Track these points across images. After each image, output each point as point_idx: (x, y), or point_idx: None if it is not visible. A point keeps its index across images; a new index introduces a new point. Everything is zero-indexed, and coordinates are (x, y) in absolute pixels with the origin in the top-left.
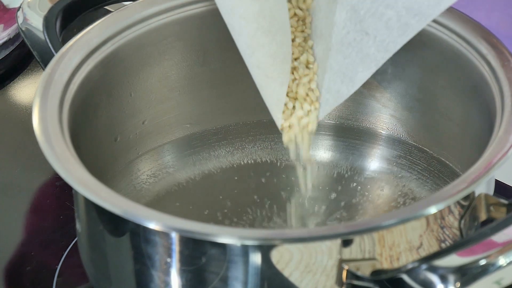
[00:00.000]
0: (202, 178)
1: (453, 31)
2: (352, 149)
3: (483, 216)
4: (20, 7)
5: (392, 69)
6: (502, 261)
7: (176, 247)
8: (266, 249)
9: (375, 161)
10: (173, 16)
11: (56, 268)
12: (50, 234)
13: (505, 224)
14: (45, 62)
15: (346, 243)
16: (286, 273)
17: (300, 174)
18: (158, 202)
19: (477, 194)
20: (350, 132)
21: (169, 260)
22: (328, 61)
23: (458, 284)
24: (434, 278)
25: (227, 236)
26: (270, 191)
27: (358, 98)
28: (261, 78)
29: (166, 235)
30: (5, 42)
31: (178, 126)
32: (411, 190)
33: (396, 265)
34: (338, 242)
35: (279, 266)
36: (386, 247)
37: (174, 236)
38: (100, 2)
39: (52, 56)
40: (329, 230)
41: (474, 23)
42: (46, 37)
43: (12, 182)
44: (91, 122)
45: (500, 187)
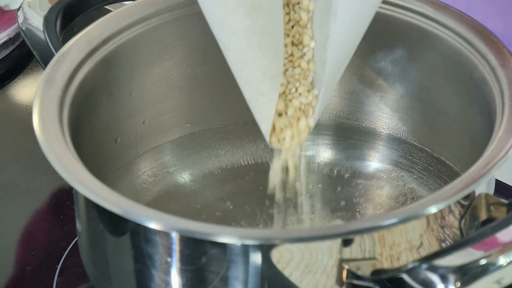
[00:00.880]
0: (202, 178)
1: (453, 31)
2: (352, 148)
3: (484, 215)
4: (20, 7)
5: (392, 68)
6: (502, 260)
7: (176, 247)
8: (266, 248)
9: (375, 160)
10: (173, 15)
11: (56, 267)
12: (50, 233)
13: (505, 223)
14: (45, 62)
15: (347, 243)
16: (286, 272)
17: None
18: (158, 202)
19: (477, 193)
20: (350, 131)
21: (169, 259)
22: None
23: (459, 283)
24: (435, 277)
25: (228, 235)
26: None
27: (359, 98)
28: (250, 94)
29: (166, 235)
30: (5, 42)
31: (178, 126)
32: (411, 190)
33: (396, 264)
34: (339, 241)
35: (280, 266)
36: (387, 247)
37: (175, 235)
38: (100, 1)
39: (52, 55)
40: (329, 229)
41: (474, 23)
42: (47, 36)
43: (12, 182)
44: (92, 121)
45: (500, 187)
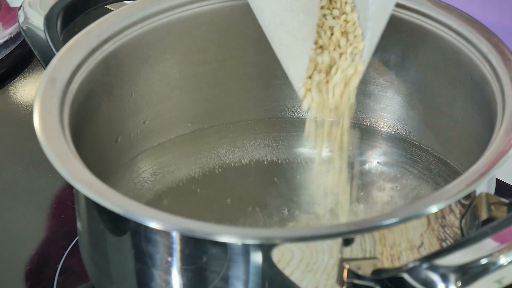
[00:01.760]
0: (203, 177)
1: (453, 30)
2: (353, 147)
3: (484, 215)
4: (21, 6)
5: (393, 68)
6: (503, 260)
7: (177, 246)
8: (267, 248)
9: (376, 159)
10: (173, 15)
11: (57, 267)
12: (51, 233)
13: (506, 223)
14: (46, 61)
15: (347, 242)
16: (287, 272)
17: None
18: (159, 201)
19: (478, 193)
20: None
21: (170, 259)
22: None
23: (459, 283)
24: (435, 277)
25: (228, 235)
26: (271, 190)
27: (359, 97)
28: (284, 55)
29: (167, 234)
30: (6, 41)
31: (179, 125)
32: (412, 189)
33: (397, 264)
34: (339, 241)
35: (280, 265)
36: (387, 246)
37: (175, 235)
38: (101, 1)
39: (53, 55)
40: (330, 229)
41: (474, 22)
42: (47, 36)
43: (12, 181)
44: (92, 121)
45: (501, 186)
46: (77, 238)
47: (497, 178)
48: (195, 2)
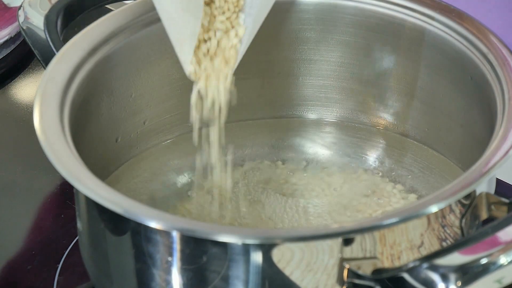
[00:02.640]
0: (203, 177)
1: (454, 30)
2: (353, 147)
3: (484, 215)
4: (21, 6)
5: (393, 67)
6: (503, 260)
7: (177, 246)
8: (267, 248)
9: (376, 159)
10: None
11: (57, 267)
12: (51, 233)
13: (506, 223)
14: (46, 61)
15: (347, 242)
16: (287, 272)
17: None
18: (159, 201)
19: (478, 193)
20: (351, 130)
21: (170, 259)
22: None
23: (459, 283)
24: (435, 277)
25: (228, 235)
26: (271, 190)
27: (359, 97)
28: (175, 12)
29: (167, 234)
30: (6, 41)
31: (179, 125)
32: (412, 188)
33: (397, 264)
34: (339, 241)
35: (280, 265)
36: (387, 246)
37: (175, 235)
38: (101, 1)
39: (53, 55)
40: (330, 229)
41: (475, 22)
42: (47, 36)
43: (13, 181)
44: (92, 121)
45: (501, 186)
46: (77, 238)
47: (497, 178)
48: None
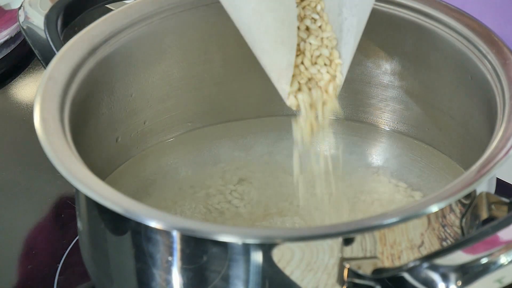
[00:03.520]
0: (204, 176)
1: (454, 30)
2: (353, 145)
3: (485, 214)
4: (21, 6)
5: (394, 67)
6: (503, 259)
7: (177, 246)
8: (267, 247)
9: (377, 158)
10: (174, 14)
11: (57, 266)
12: (51, 232)
13: (506, 222)
14: (46, 61)
15: (348, 242)
16: (287, 271)
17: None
18: (159, 201)
19: (478, 192)
20: (352, 128)
21: (170, 258)
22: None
23: (460, 282)
24: (436, 276)
25: (229, 234)
26: (272, 189)
27: (360, 96)
28: (269, 44)
29: (167, 234)
30: (6, 41)
31: (179, 125)
32: (413, 188)
33: (397, 263)
34: (340, 240)
35: (281, 265)
36: (388, 246)
37: (176, 234)
38: (101, 0)
39: (53, 54)
40: (330, 228)
41: (475, 21)
42: (47, 35)
43: (13, 181)
44: (93, 120)
45: (501, 186)
46: (77, 238)
47: (497, 178)
48: (195, 1)
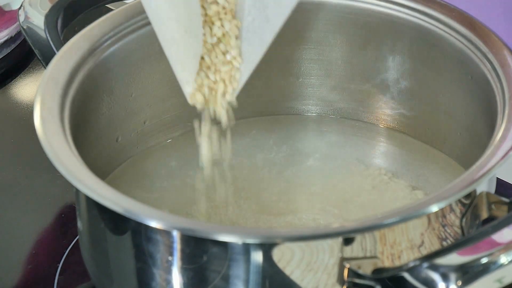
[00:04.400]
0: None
1: (454, 30)
2: (354, 145)
3: (485, 214)
4: (21, 6)
5: (394, 66)
6: (503, 259)
7: (177, 246)
8: (267, 247)
9: (377, 157)
10: None
11: (57, 266)
12: (52, 232)
13: (506, 222)
14: (46, 61)
15: (348, 242)
16: (287, 271)
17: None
18: (159, 200)
19: (478, 192)
20: (352, 128)
21: (170, 258)
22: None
23: (460, 282)
24: (436, 276)
25: (229, 234)
26: (273, 188)
27: (360, 95)
28: (179, 34)
29: (167, 234)
30: (6, 41)
31: (179, 124)
32: (413, 187)
33: (397, 263)
34: (340, 240)
35: (281, 265)
36: (388, 246)
37: (176, 234)
38: (101, 0)
39: (53, 54)
40: (330, 228)
41: (475, 21)
42: (48, 35)
43: (13, 180)
44: (93, 120)
45: (501, 186)
46: (77, 237)
47: (497, 177)
48: None
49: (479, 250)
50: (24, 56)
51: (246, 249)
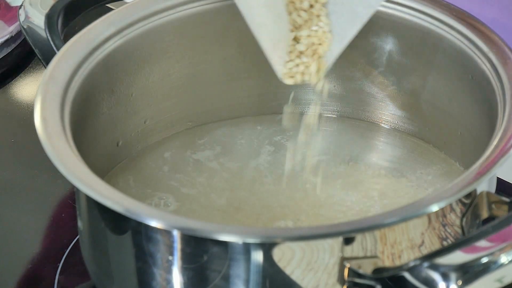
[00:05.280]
0: (204, 176)
1: (454, 29)
2: (354, 144)
3: (485, 214)
4: (22, 5)
5: (394, 66)
6: (503, 259)
7: (177, 245)
8: (267, 247)
9: (377, 157)
10: (174, 14)
11: (58, 266)
12: (52, 232)
13: (506, 222)
14: (47, 60)
15: (348, 241)
16: (287, 271)
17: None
18: (159, 200)
19: (478, 192)
20: (353, 127)
21: (170, 258)
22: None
23: (460, 282)
24: (436, 276)
25: (229, 234)
26: (273, 188)
27: (361, 95)
28: (267, 18)
29: (167, 233)
30: (6, 40)
31: (179, 124)
32: (413, 187)
33: (397, 263)
34: (340, 240)
35: (281, 264)
36: (388, 245)
37: (176, 234)
38: (101, 0)
39: (54, 54)
40: (330, 228)
41: (475, 20)
42: (48, 35)
43: (13, 180)
44: (93, 120)
45: (501, 185)
46: (78, 237)
47: (498, 177)
48: (195, 1)
49: (480, 249)
50: (24, 55)
51: (247, 248)
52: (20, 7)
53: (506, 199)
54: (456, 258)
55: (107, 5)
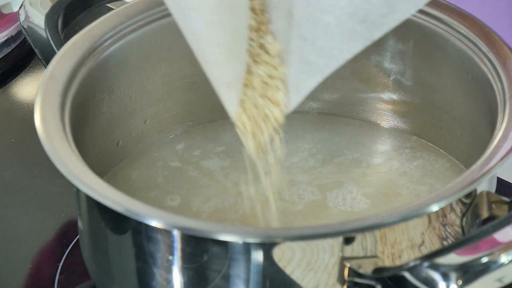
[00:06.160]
0: (204, 176)
1: (454, 29)
2: (354, 144)
3: (485, 214)
4: (22, 5)
5: (395, 66)
6: (504, 259)
7: (178, 245)
8: (268, 247)
9: (377, 156)
10: None
11: (58, 266)
12: (52, 231)
13: (507, 222)
14: (47, 60)
15: (348, 241)
16: (288, 271)
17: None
18: (159, 200)
19: (479, 192)
20: (353, 126)
21: (171, 258)
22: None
23: (460, 281)
24: (436, 275)
25: (229, 233)
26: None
27: (361, 95)
28: (221, 56)
29: (168, 233)
30: (6, 40)
31: (180, 124)
32: (413, 187)
33: (398, 262)
34: (340, 239)
35: (281, 264)
36: (388, 245)
37: (176, 234)
38: (101, 0)
39: (54, 53)
40: (330, 227)
41: (475, 20)
42: (48, 35)
43: (13, 180)
44: (93, 119)
45: (502, 185)
46: (78, 237)
47: (498, 177)
48: None
49: (480, 249)
50: (24, 55)
51: (247, 248)
52: (20, 7)
53: (506, 199)
54: (456, 258)
55: (107, 5)
